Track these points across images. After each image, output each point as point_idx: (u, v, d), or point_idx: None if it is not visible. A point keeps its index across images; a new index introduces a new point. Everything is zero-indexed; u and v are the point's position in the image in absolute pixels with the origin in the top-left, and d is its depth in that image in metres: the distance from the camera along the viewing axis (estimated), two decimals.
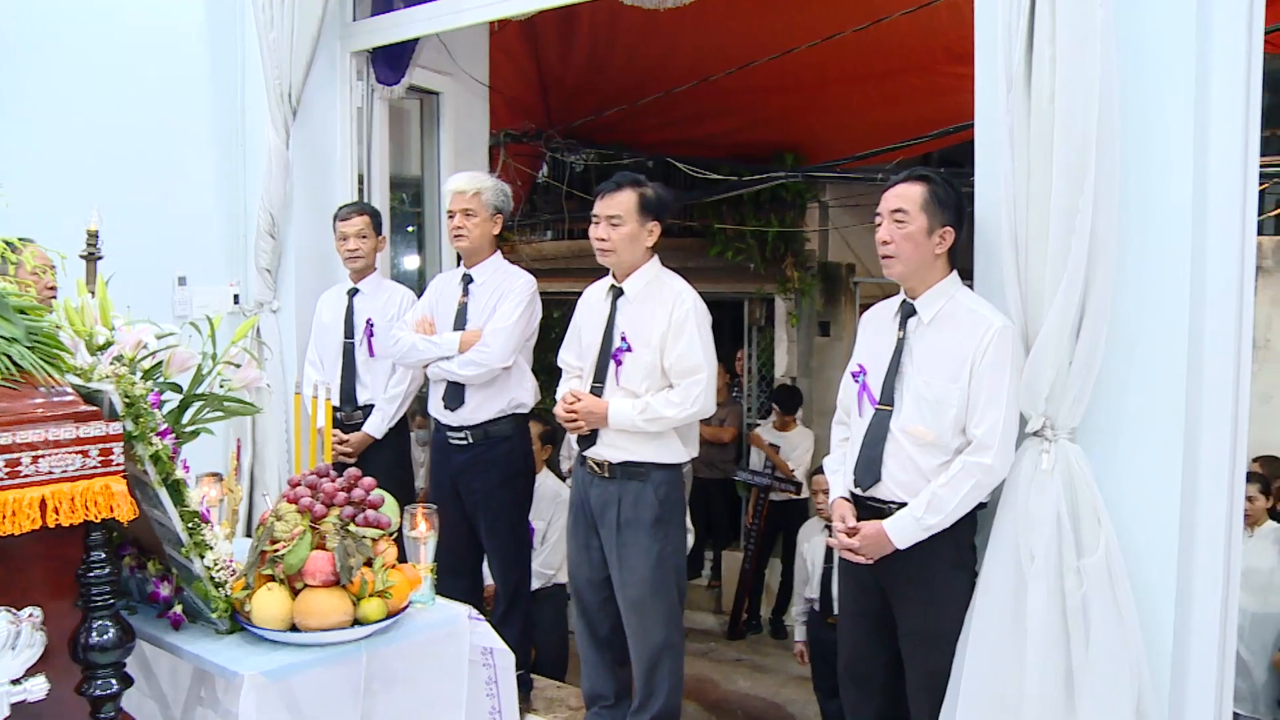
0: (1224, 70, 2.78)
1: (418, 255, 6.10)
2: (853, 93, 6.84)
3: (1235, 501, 2.92)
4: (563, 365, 3.86)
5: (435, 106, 5.74)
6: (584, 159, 7.98)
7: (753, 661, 7.66)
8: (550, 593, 5.42)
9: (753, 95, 6.93)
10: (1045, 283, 2.78)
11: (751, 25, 6.17)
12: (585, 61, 7.07)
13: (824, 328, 8.75)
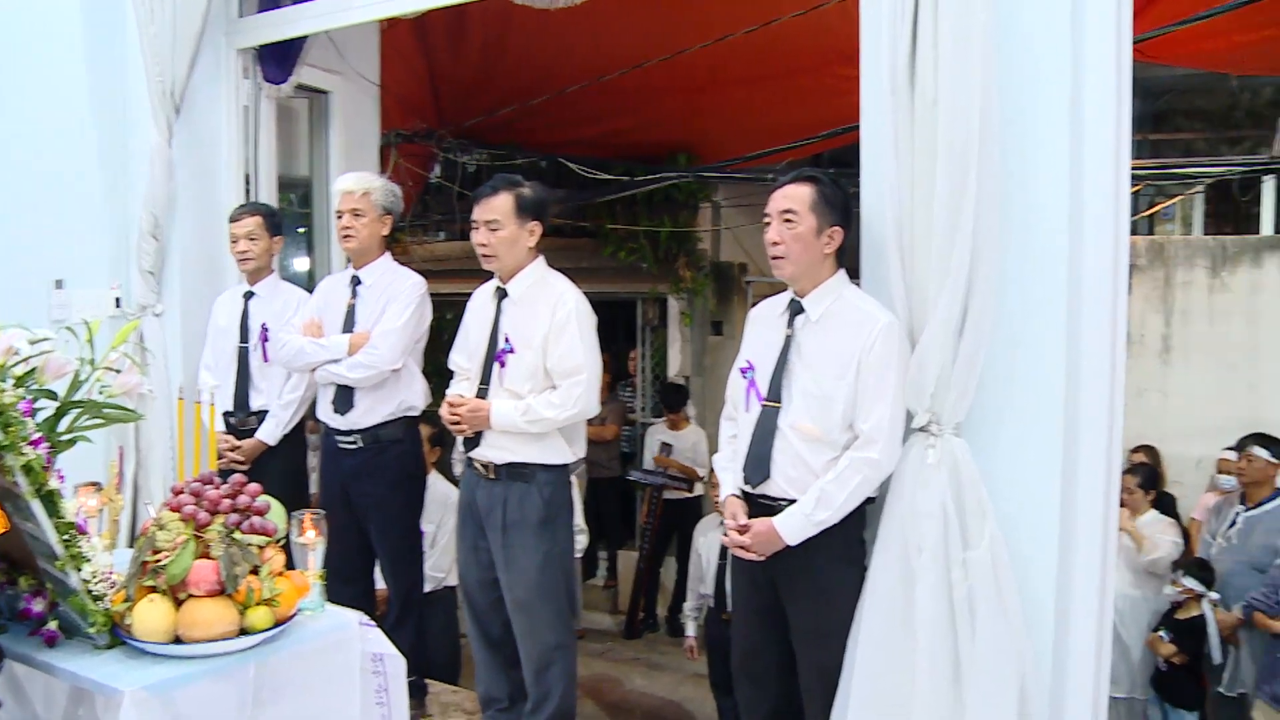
0: (1097, 77, 2.87)
1: (307, 257, 6.00)
2: (744, 93, 6.91)
3: (1112, 493, 3.01)
4: (454, 367, 3.83)
5: (324, 105, 5.65)
6: (477, 159, 7.93)
7: (650, 660, 7.70)
8: (441, 595, 5.38)
9: (645, 95, 6.95)
10: (930, 282, 2.83)
11: (643, 26, 6.18)
12: (477, 61, 7.02)
13: (717, 327, 8.82)
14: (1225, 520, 5.60)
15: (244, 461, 4.29)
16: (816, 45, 5.87)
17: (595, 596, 8.74)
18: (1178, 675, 5.32)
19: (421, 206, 8.75)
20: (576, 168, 7.54)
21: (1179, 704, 5.37)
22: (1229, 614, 5.20)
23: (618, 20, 5.98)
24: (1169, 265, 7.53)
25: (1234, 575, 5.32)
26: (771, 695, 3.24)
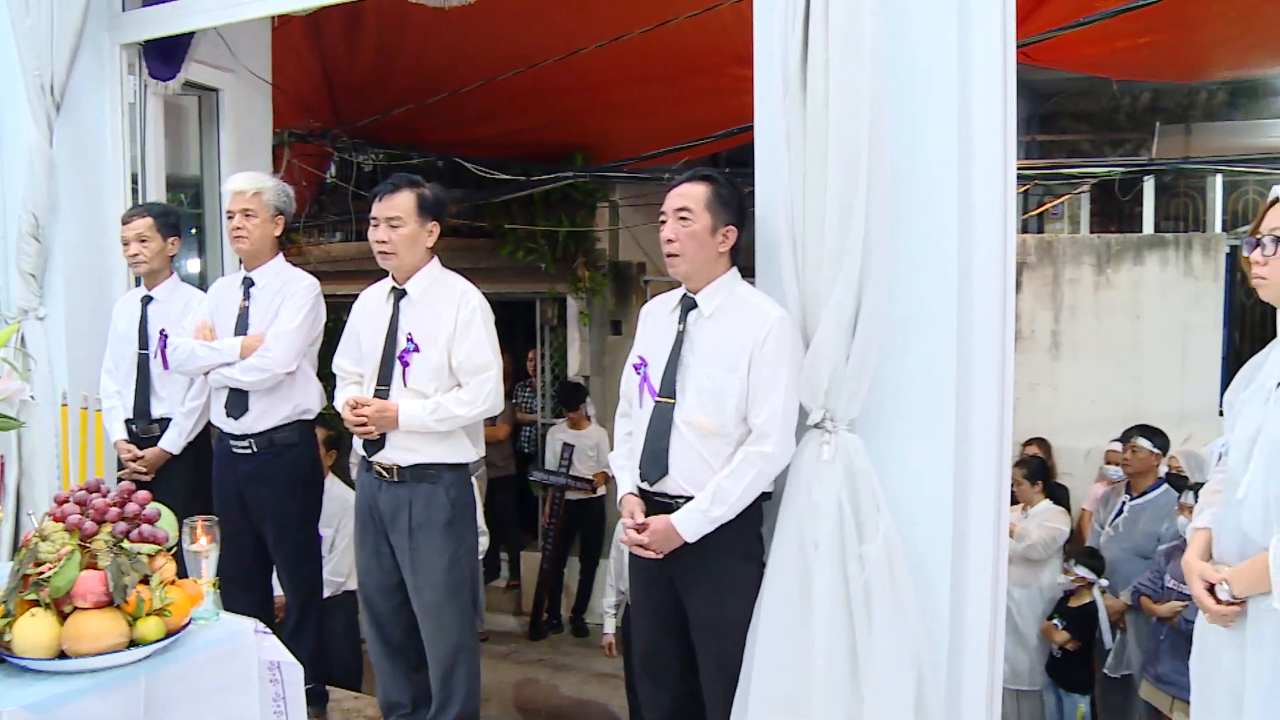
0: (983, 79, 2.95)
1: (198, 258, 5.86)
2: (641, 93, 6.92)
3: (1003, 486, 3.10)
4: (338, 371, 3.77)
5: (215, 104, 5.51)
6: (372, 159, 7.83)
7: (554, 661, 7.69)
8: (341, 600, 5.30)
9: (542, 95, 6.93)
10: (822, 280, 2.88)
11: (539, 25, 6.16)
12: (372, 60, 6.94)
13: (616, 326, 8.83)
14: (1113, 509, 5.78)
15: (146, 471, 4.18)
16: (712, 46, 5.90)
17: (498, 598, 8.70)
18: (1070, 661, 5.48)
19: (317, 207, 8.61)
20: (473, 167, 7.49)
21: (1071, 688, 5.52)
22: (1117, 600, 5.37)
23: (514, 20, 5.95)
24: (1057, 263, 7.74)
25: (1121, 562, 5.49)
26: (672, 692, 3.27)
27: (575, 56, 6.09)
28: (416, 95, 7.04)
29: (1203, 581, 2.45)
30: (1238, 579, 2.36)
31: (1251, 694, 2.34)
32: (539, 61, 6.25)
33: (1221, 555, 2.46)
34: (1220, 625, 2.43)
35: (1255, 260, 2.42)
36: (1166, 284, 7.48)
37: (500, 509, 8.56)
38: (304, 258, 7.67)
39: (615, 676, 6.66)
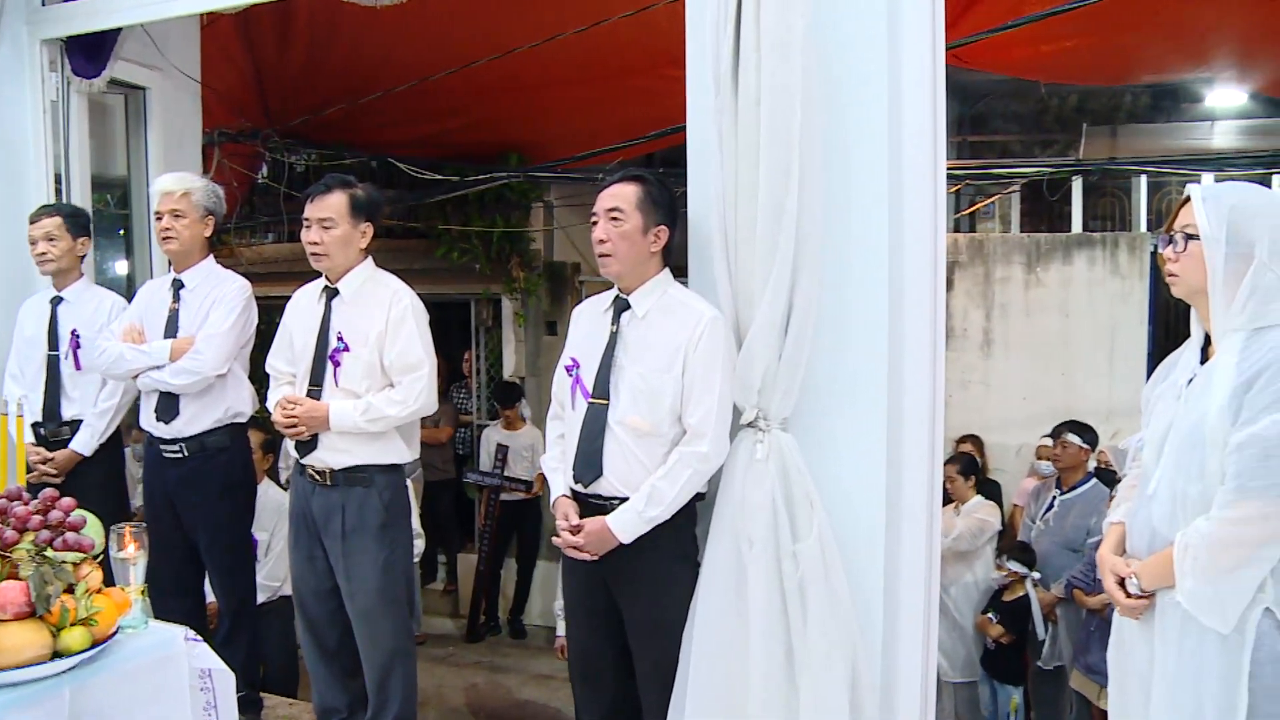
0: (913, 80, 2.99)
1: (126, 260, 5.77)
2: (575, 93, 6.91)
3: (936, 482, 3.13)
4: (271, 371, 3.73)
5: (142, 102, 5.43)
6: (305, 159, 7.74)
7: (492, 663, 7.66)
8: (276, 606, 5.24)
9: (476, 95, 6.89)
10: (755, 280, 2.90)
11: (473, 25, 6.13)
12: (304, 59, 6.86)
13: (551, 327, 8.81)
14: (1044, 504, 5.87)
15: (57, 474, 4.10)
16: (646, 46, 5.91)
17: (435, 601, 8.65)
18: (1004, 654, 5.56)
19: (249, 208, 8.50)
20: (407, 168, 7.44)
21: (1005, 680, 5.60)
22: (1049, 593, 5.45)
23: (447, 19, 5.92)
24: (988, 262, 7.85)
25: (1052, 555, 5.58)
26: (609, 694, 3.26)
27: (509, 56, 6.07)
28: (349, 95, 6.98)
29: (1114, 575, 2.49)
30: (1146, 573, 2.41)
31: (1157, 684, 2.39)
32: (473, 61, 6.22)
33: (1133, 549, 2.51)
34: (1130, 618, 2.49)
35: (1168, 257, 2.48)
36: (1094, 282, 7.61)
37: (440, 511, 8.51)
38: (236, 259, 7.57)
39: (554, 677, 6.66)
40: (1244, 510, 2.22)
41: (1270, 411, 2.21)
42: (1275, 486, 2.19)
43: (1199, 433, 2.33)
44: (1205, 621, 2.27)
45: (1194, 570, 2.26)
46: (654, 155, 7.69)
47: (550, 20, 5.91)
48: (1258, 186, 2.50)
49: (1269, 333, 2.31)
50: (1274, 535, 2.22)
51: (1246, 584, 2.23)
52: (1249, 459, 2.22)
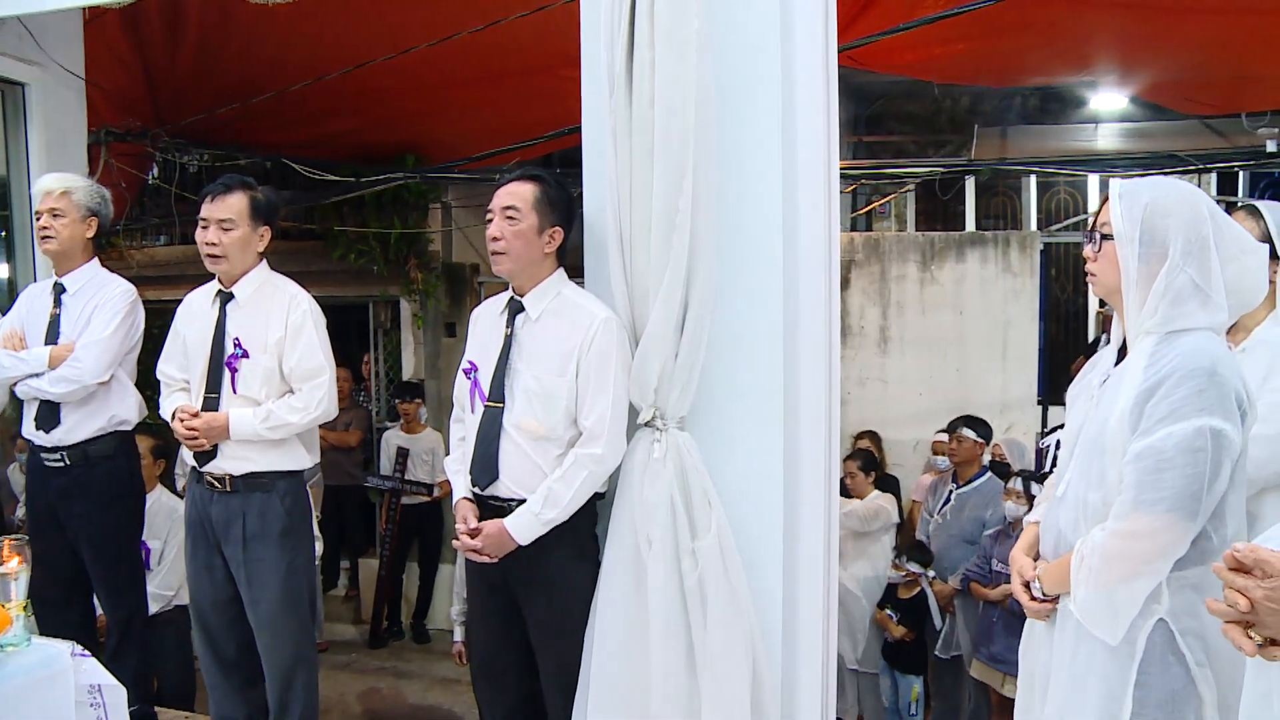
0: (807, 81, 3.03)
1: (6, 264, 5.59)
2: (473, 94, 6.87)
3: (833, 478, 3.18)
4: (162, 378, 3.65)
5: (20, 99, 5.27)
6: (197, 160, 7.58)
7: (396, 668, 7.59)
8: (171, 616, 5.11)
9: (372, 95, 6.81)
10: (650, 279, 2.91)
11: (368, 24, 6.05)
12: (195, 57, 6.70)
13: (450, 329, 8.75)
14: (940, 498, 5.97)
15: None
16: (544, 46, 5.89)
17: (337, 608, 8.53)
18: (905, 645, 5.66)
19: (139, 209, 8.29)
20: (302, 169, 7.31)
21: (907, 670, 5.71)
22: (946, 585, 5.56)
23: (342, 18, 5.85)
24: (884, 260, 7.98)
25: (949, 548, 5.69)
26: (512, 695, 3.26)
27: (406, 56, 6.00)
28: (243, 94, 6.83)
29: (1020, 577, 2.50)
30: (1047, 578, 2.42)
31: (1052, 688, 2.41)
32: (368, 61, 6.14)
33: (1044, 551, 2.51)
34: (1037, 620, 2.49)
35: (1088, 256, 2.46)
36: (987, 280, 7.79)
37: (346, 516, 8.41)
38: (126, 262, 7.38)
39: (459, 682, 6.61)
40: (1135, 524, 2.19)
41: (1166, 424, 2.18)
42: (1165, 501, 2.16)
43: (1101, 439, 2.32)
44: (1094, 632, 2.27)
45: (1087, 580, 2.25)
46: (553, 156, 7.66)
47: (447, 20, 5.86)
48: (1178, 181, 2.44)
49: (1179, 338, 2.28)
50: (1164, 550, 2.20)
51: (1135, 596, 2.22)
52: (1143, 471, 2.20)
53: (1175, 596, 2.23)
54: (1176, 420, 2.18)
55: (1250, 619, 1.69)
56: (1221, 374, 2.21)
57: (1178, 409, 2.18)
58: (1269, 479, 2.75)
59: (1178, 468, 2.16)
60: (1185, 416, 2.17)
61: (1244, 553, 1.69)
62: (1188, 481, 2.16)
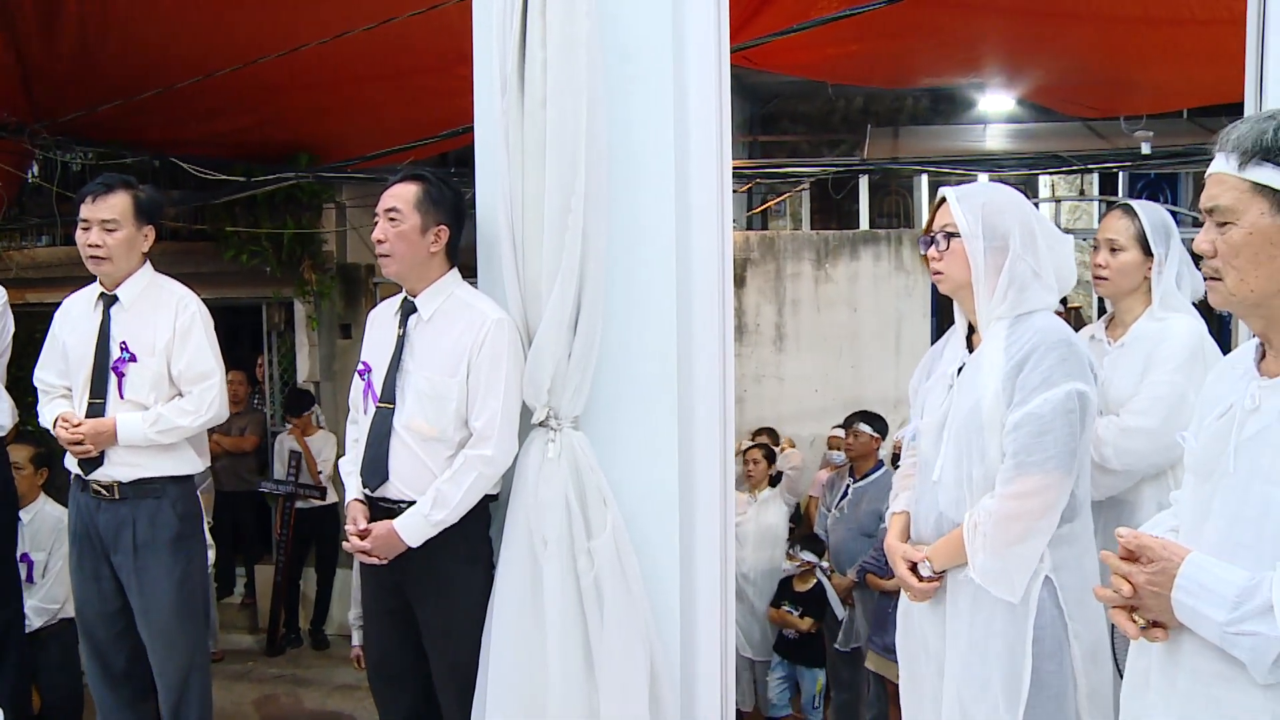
0: (699, 80, 3.06)
1: None
2: (367, 92, 6.78)
3: (727, 474, 3.21)
4: (40, 385, 3.57)
5: None
6: (80, 158, 7.35)
7: (295, 676, 7.46)
8: (56, 630, 4.93)
9: (264, 93, 6.68)
10: (542, 278, 2.92)
11: (257, 19, 5.94)
12: (74, 50, 6.48)
13: (345, 330, 8.63)
14: (837, 493, 6.04)
15: None
16: (438, 45, 5.84)
17: (233, 615, 8.35)
18: (805, 638, 5.72)
19: (18, 209, 8.03)
20: (191, 168, 7.15)
21: (808, 664, 5.77)
22: (844, 578, 5.63)
23: (230, 12, 5.73)
24: (780, 258, 8.07)
25: (847, 543, 5.75)
26: (409, 697, 3.24)
27: (298, 53, 5.91)
28: (127, 90, 6.64)
29: (905, 562, 2.61)
30: (937, 555, 2.54)
31: (950, 658, 2.52)
32: (258, 58, 6.03)
33: (920, 535, 2.64)
34: (922, 601, 2.61)
35: (932, 257, 2.62)
36: (880, 277, 7.92)
37: (242, 522, 8.25)
38: (4, 264, 7.16)
39: (359, 687, 6.52)
40: (1024, 485, 2.37)
41: (1040, 391, 2.37)
42: (1051, 460, 2.35)
43: (976, 417, 2.46)
44: (995, 593, 2.41)
45: (984, 546, 2.40)
46: (448, 155, 7.62)
47: (339, 17, 5.79)
48: (999, 184, 2.71)
49: (1030, 318, 2.48)
50: (1052, 505, 2.38)
51: (1030, 555, 2.39)
52: (1025, 436, 2.37)
53: (1055, 553, 2.42)
54: (1049, 387, 2.37)
55: (1134, 603, 1.79)
56: (1076, 343, 2.45)
57: (1049, 377, 2.38)
58: (1147, 470, 2.87)
59: (1057, 429, 2.36)
60: (1056, 383, 2.37)
61: (1128, 538, 1.79)
62: (1065, 440, 2.36)
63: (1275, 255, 1.70)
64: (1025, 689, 2.39)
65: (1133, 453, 2.80)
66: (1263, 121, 1.71)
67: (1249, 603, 1.63)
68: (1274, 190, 1.68)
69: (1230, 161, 1.71)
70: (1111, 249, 3.05)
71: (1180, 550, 1.75)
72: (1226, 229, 1.72)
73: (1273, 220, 1.69)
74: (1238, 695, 1.69)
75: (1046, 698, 2.40)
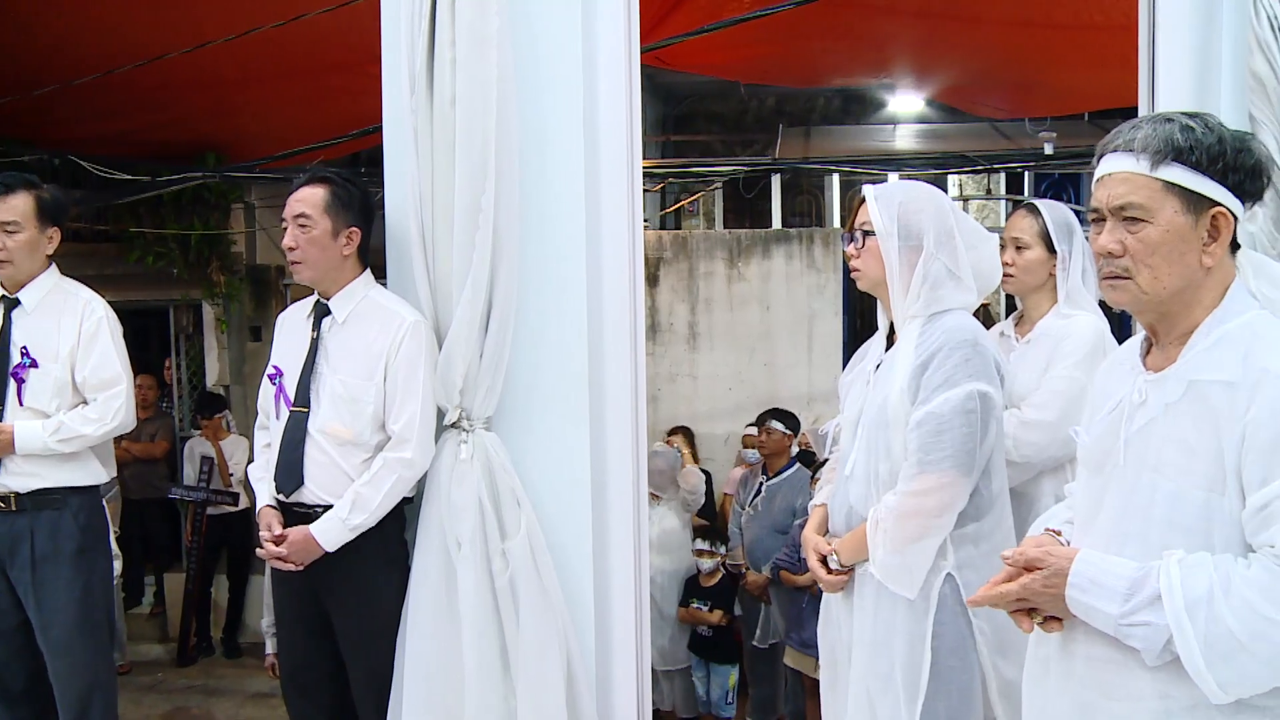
0: (609, 80, 3.07)
1: None
2: (275, 90, 6.68)
3: (640, 473, 3.23)
4: None
5: None
6: None
7: (207, 686, 7.32)
8: None
9: (169, 91, 6.55)
10: (453, 279, 2.91)
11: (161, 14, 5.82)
12: None
13: (255, 333, 8.50)
14: (751, 490, 6.07)
15: None
16: (348, 43, 5.78)
17: (142, 626, 8.17)
18: (716, 636, 5.74)
19: None
20: (94, 167, 6.99)
21: (720, 661, 5.80)
22: (759, 575, 5.67)
23: (134, 8, 5.61)
24: (693, 258, 8.10)
25: (762, 539, 5.78)
26: (324, 706, 3.20)
27: (204, 50, 5.80)
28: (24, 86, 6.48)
29: (816, 554, 2.67)
30: (844, 549, 2.60)
31: (856, 650, 2.59)
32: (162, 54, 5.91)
33: (834, 528, 2.70)
34: (834, 593, 2.67)
35: (851, 254, 2.68)
36: (792, 275, 7.98)
37: (151, 531, 8.08)
38: None
39: (273, 695, 6.43)
40: (924, 483, 2.42)
41: (942, 390, 2.43)
42: (949, 458, 2.41)
43: (884, 414, 2.53)
44: (894, 589, 2.47)
45: (884, 542, 2.45)
46: (360, 155, 7.54)
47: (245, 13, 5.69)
48: (921, 184, 2.73)
49: (942, 318, 2.53)
50: (948, 504, 2.43)
51: (927, 552, 2.45)
52: (925, 435, 2.43)
53: (958, 551, 2.48)
54: (950, 387, 2.43)
55: (1031, 604, 1.86)
56: (982, 344, 2.50)
57: (950, 377, 2.43)
58: (1045, 463, 2.94)
59: (955, 428, 2.42)
60: (958, 383, 2.43)
61: (1013, 558, 1.87)
62: (963, 440, 2.42)
63: (1185, 253, 1.76)
64: (924, 682, 2.45)
65: (1031, 445, 2.87)
66: (1164, 124, 1.77)
67: (1139, 594, 1.70)
68: (1184, 189, 1.74)
69: (1141, 162, 1.76)
70: (1017, 247, 3.12)
71: (1067, 551, 1.83)
72: (1139, 227, 1.77)
73: (1184, 219, 1.75)
74: (1128, 678, 1.76)
75: (949, 691, 2.46)
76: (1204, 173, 1.74)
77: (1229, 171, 1.75)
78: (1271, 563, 1.62)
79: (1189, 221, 1.75)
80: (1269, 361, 1.68)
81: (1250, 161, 1.77)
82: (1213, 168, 1.74)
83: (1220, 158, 1.74)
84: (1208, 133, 1.75)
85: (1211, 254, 1.77)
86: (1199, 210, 1.75)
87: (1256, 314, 1.78)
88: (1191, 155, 1.74)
